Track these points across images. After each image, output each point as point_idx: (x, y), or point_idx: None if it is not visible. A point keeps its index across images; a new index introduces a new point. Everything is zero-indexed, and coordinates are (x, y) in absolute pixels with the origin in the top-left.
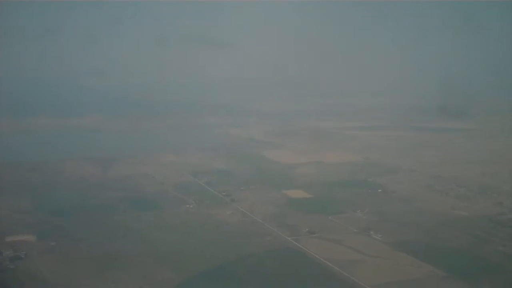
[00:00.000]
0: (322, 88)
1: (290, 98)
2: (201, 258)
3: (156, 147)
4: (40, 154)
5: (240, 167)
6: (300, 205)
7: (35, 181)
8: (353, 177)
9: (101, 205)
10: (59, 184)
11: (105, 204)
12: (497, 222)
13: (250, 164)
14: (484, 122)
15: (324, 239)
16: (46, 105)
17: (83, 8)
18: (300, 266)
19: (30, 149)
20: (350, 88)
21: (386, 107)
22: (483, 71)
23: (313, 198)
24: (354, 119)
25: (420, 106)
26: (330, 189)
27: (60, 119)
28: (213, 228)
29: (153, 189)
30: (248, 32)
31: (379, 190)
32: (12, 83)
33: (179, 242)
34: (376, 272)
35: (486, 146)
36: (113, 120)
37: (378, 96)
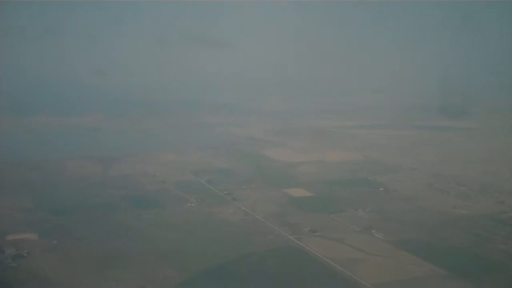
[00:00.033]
0: (322, 87)
1: (290, 97)
2: (203, 256)
3: (157, 146)
4: (41, 152)
5: (241, 166)
6: (301, 203)
7: (36, 179)
8: (354, 175)
9: (102, 203)
10: (60, 182)
11: (106, 203)
12: (498, 221)
13: (251, 163)
14: (485, 120)
15: (326, 237)
16: (46, 104)
17: (84, 8)
18: (302, 265)
19: (31, 147)
20: (350, 87)
21: (386, 106)
22: (484, 70)
23: (314, 196)
24: (354, 118)
25: (420, 105)
26: (331, 187)
27: (61, 118)
28: (214, 227)
29: (154, 187)
30: (248, 31)
31: (381, 189)
32: (13, 82)
33: (181, 240)
34: (378, 270)
35: (486, 145)
36: (113, 119)
37: (378, 95)
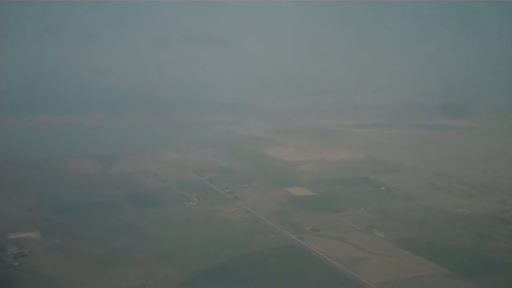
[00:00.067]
0: (322, 86)
1: (291, 96)
2: (204, 255)
3: (158, 145)
4: (43, 151)
5: (242, 165)
6: (303, 202)
7: (37, 178)
8: (355, 174)
9: (104, 202)
10: (61, 181)
11: (108, 201)
12: (500, 220)
13: (252, 162)
14: (486, 119)
15: (328, 236)
16: (48, 102)
17: (85, 8)
18: (304, 264)
19: (32, 146)
20: (350, 86)
21: (386, 105)
22: (484, 69)
23: (315, 195)
24: (355, 117)
25: (421, 104)
26: (332, 186)
27: (63, 117)
28: (216, 226)
29: (155, 186)
30: (249, 31)
31: (382, 188)
32: (15, 81)
33: (182, 239)
34: (380, 269)
35: (488, 144)
36: (114, 118)
37: (378, 94)
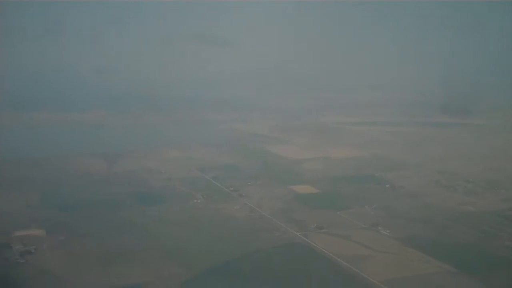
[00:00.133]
0: (323, 84)
1: (292, 94)
2: (209, 253)
3: (161, 143)
4: (46, 149)
5: (247, 162)
6: (307, 200)
7: (40, 176)
8: (360, 172)
9: (108, 200)
10: (65, 179)
11: (112, 199)
12: (505, 218)
13: (256, 159)
14: (490, 117)
15: (332, 234)
16: (50, 101)
17: (86, 8)
18: (309, 262)
19: (35, 144)
20: (351, 84)
21: (389, 103)
22: (488, 67)
23: (320, 193)
24: (357, 115)
25: (423, 102)
26: (337, 184)
27: (66, 115)
28: (221, 223)
29: (159, 184)
30: (249, 30)
31: (387, 186)
32: (17, 79)
33: (187, 237)
34: (385, 267)
35: (492, 142)
36: (117, 116)
37: (381, 92)
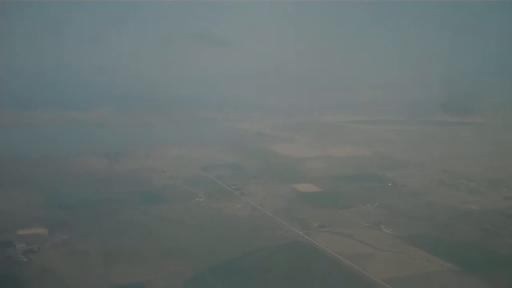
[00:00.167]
0: (325, 83)
1: (293, 93)
2: (212, 251)
3: (163, 142)
4: (49, 148)
5: (249, 161)
6: (310, 199)
7: (42, 175)
8: (362, 171)
9: (110, 199)
10: (68, 178)
11: (114, 198)
12: (507, 216)
13: (259, 158)
14: (493, 116)
15: (335, 233)
16: (51, 100)
17: (87, 8)
18: (312, 260)
19: (38, 143)
20: (352, 83)
21: (391, 102)
22: (489, 66)
23: (322, 192)
24: (359, 113)
25: (425, 101)
26: (339, 183)
27: (68, 114)
28: (223, 222)
29: (162, 183)
30: (249, 30)
31: (389, 184)
32: (18, 79)
33: (190, 235)
34: (387, 266)
35: (495, 140)
36: (119, 115)
37: (381, 91)
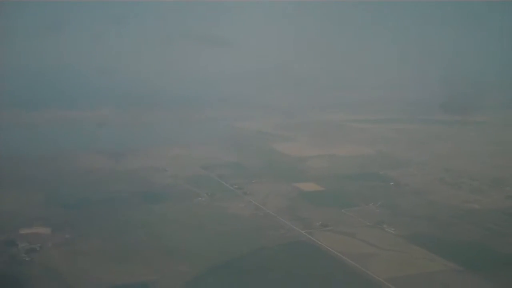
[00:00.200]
0: (326, 83)
1: (293, 92)
2: (215, 251)
3: (164, 141)
4: (51, 147)
5: (250, 160)
6: (312, 198)
7: (45, 174)
8: (364, 170)
9: (113, 198)
10: (70, 177)
11: (117, 197)
12: (510, 215)
13: (261, 157)
14: (495, 114)
15: (337, 232)
16: (53, 100)
17: (87, 7)
18: (315, 260)
19: (40, 142)
20: (353, 83)
21: (392, 101)
22: (490, 65)
23: (325, 191)
24: (361, 112)
25: (427, 99)
26: (341, 182)
27: (70, 113)
28: (226, 221)
29: (164, 182)
30: (250, 30)
31: (391, 183)
32: (18, 79)
33: (192, 235)
34: (390, 265)
35: (497, 139)
36: (120, 114)
37: (382, 90)
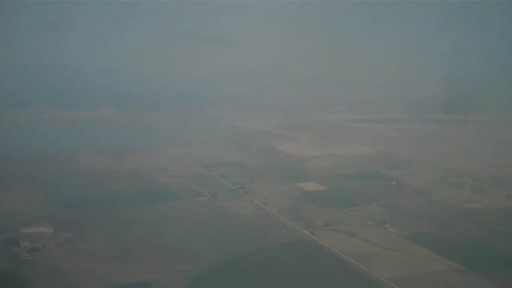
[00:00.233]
0: (327, 82)
1: (294, 92)
2: (217, 250)
3: (166, 140)
4: (53, 146)
5: (252, 160)
6: (314, 197)
7: (46, 174)
8: (366, 169)
9: (115, 197)
10: (71, 177)
11: (119, 197)
12: (511, 215)
13: (262, 157)
14: (497, 114)
15: (339, 232)
16: (54, 100)
17: (89, 7)
18: (317, 259)
19: (42, 142)
20: (353, 83)
21: (393, 100)
22: (490, 65)
23: (327, 190)
24: (362, 112)
25: (428, 98)
26: (343, 181)
27: (71, 113)
28: (228, 220)
29: (166, 181)
30: (250, 30)
31: (393, 183)
32: (19, 79)
33: (194, 234)
34: (392, 265)
35: (499, 138)
36: (120, 114)
37: (384, 90)
